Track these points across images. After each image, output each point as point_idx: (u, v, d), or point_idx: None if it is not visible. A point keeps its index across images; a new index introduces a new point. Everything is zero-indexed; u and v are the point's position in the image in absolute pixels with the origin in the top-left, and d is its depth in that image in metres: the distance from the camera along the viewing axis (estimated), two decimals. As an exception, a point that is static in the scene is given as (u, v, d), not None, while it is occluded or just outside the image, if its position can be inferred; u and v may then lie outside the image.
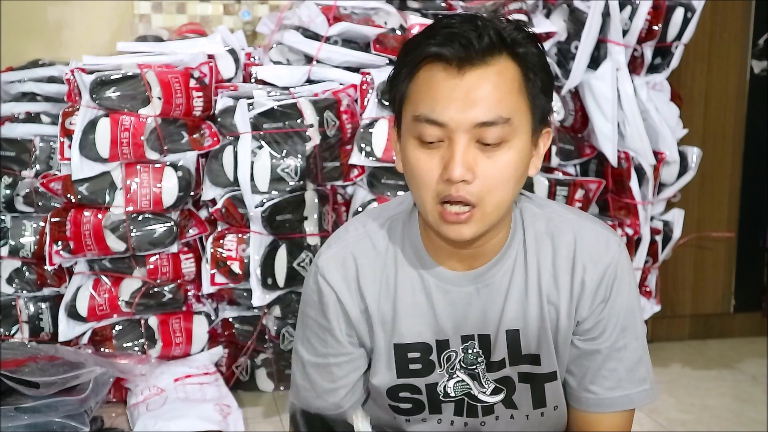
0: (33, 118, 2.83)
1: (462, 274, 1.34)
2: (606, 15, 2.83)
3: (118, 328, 2.70)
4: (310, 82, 2.78)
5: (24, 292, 2.76)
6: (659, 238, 3.06)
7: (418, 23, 2.74)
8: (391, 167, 2.62)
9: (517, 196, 1.35)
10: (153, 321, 2.71)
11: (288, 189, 2.61)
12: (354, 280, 1.36)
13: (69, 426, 2.27)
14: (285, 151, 2.60)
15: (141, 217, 2.60)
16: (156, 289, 2.69)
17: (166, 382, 2.60)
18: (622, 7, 2.85)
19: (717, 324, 3.50)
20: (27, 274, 2.76)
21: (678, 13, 2.90)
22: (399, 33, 2.76)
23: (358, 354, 1.40)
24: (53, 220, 2.60)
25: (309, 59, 2.79)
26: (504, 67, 1.22)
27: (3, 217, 2.77)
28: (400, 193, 2.56)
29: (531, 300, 1.34)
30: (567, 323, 1.34)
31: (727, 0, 3.29)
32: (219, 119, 2.65)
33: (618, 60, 2.85)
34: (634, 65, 2.93)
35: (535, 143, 1.29)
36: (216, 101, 2.67)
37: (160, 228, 2.61)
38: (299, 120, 2.61)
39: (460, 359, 1.36)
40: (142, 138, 2.54)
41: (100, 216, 2.57)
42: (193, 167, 2.66)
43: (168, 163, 2.61)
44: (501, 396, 1.38)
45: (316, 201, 2.65)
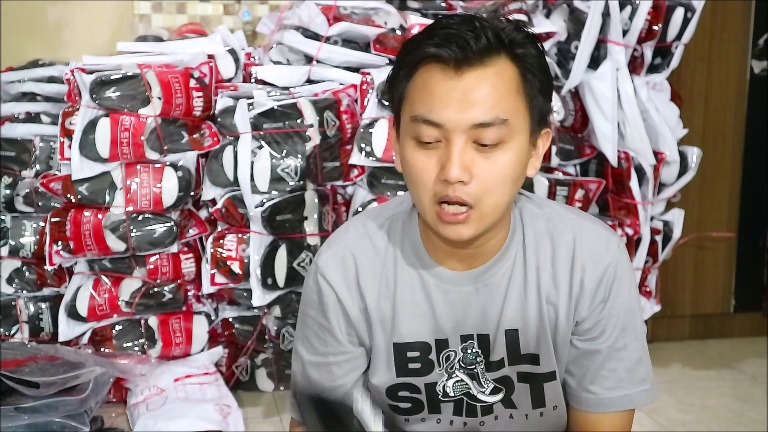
0: (33, 118, 2.83)
1: (461, 273, 1.34)
2: (606, 15, 2.83)
3: (118, 328, 2.70)
4: (310, 82, 2.78)
5: (24, 292, 2.76)
6: (659, 238, 3.06)
7: (418, 23, 2.74)
8: (391, 167, 2.62)
9: (517, 196, 1.35)
10: (153, 321, 2.71)
11: (288, 189, 2.61)
12: (354, 279, 1.36)
13: (69, 426, 2.27)
14: (285, 151, 2.60)
15: (141, 217, 2.60)
16: (156, 289, 2.69)
17: (166, 382, 2.60)
18: (622, 7, 2.85)
19: (717, 324, 3.50)
20: (27, 274, 2.76)
21: (678, 13, 2.90)
22: (399, 33, 2.76)
23: (357, 353, 1.40)
24: (53, 220, 2.60)
25: (309, 59, 2.79)
26: (502, 68, 1.22)
27: (3, 217, 2.77)
28: (400, 193, 2.56)
29: (530, 300, 1.34)
30: (566, 323, 1.34)
31: (727, 0, 3.29)
32: (219, 119, 2.65)
33: (618, 60, 2.85)
34: (634, 65, 2.93)
35: (534, 144, 1.29)
36: (216, 101, 2.67)
37: (160, 228, 2.61)
38: (299, 120, 2.61)
39: (459, 359, 1.36)
40: (142, 138, 2.54)
41: (100, 216, 2.57)
42: (193, 167, 2.66)
43: (168, 163, 2.61)
44: (500, 396, 1.38)
45: (316, 201, 2.65)
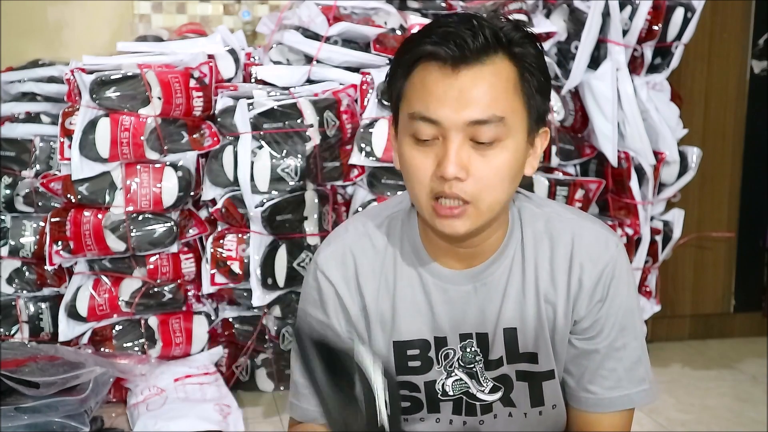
0: (33, 118, 2.83)
1: (460, 272, 1.34)
2: (606, 15, 2.83)
3: (118, 328, 2.70)
4: (310, 82, 2.78)
5: (24, 292, 2.76)
6: (659, 238, 3.06)
7: (418, 23, 2.74)
8: (391, 167, 2.62)
9: (516, 195, 1.36)
10: (153, 321, 2.71)
11: (288, 189, 2.61)
12: (353, 278, 1.37)
13: (69, 426, 2.27)
14: (285, 151, 2.60)
15: (141, 217, 2.60)
16: (156, 289, 2.69)
17: (166, 382, 2.60)
18: (622, 7, 2.85)
19: (717, 324, 3.50)
20: (27, 274, 2.76)
21: (678, 13, 2.90)
22: (399, 33, 2.76)
23: None
24: (53, 220, 2.60)
25: (309, 59, 2.79)
26: (499, 67, 1.23)
27: (3, 217, 2.77)
28: (399, 193, 2.56)
29: (528, 299, 1.34)
30: (564, 322, 1.34)
31: (727, 0, 3.29)
32: (219, 119, 2.65)
33: (618, 60, 2.85)
34: (634, 65, 2.93)
35: (532, 143, 1.29)
36: (216, 101, 2.67)
37: (160, 228, 2.61)
38: (299, 120, 2.61)
39: (458, 358, 1.36)
40: (142, 138, 2.54)
41: (100, 216, 2.57)
42: (193, 167, 2.66)
43: (168, 163, 2.61)
44: (499, 394, 1.38)
45: (316, 201, 2.65)
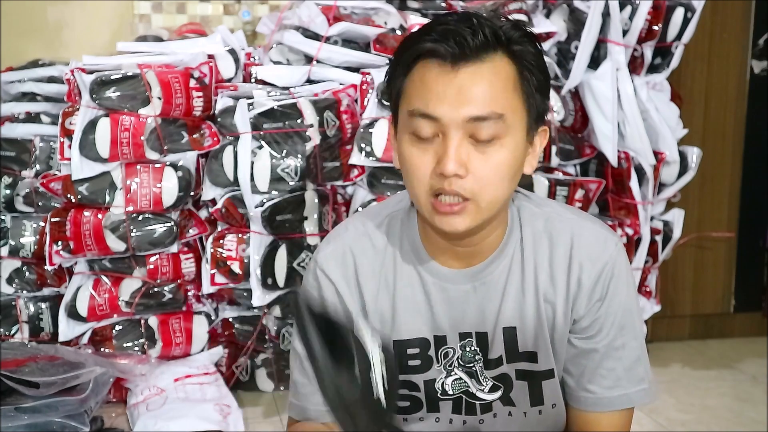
0: (33, 118, 2.83)
1: (459, 271, 1.34)
2: (606, 15, 2.83)
3: (118, 328, 2.70)
4: (310, 82, 2.78)
5: (24, 292, 2.77)
6: (659, 238, 3.06)
7: (418, 23, 2.74)
8: (391, 167, 2.62)
9: (515, 195, 1.36)
10: (153, 321, 2.71)
11: (288, 189, 2.61)
12: (353, 277, 1.36)
13: (69, 426, 2.27)
14: (285, 151, 2.60)
15: (141, 217, 2.60)
16: (156, 289, 2.69)
17: (166, 382, 2.60)
18: (622, 7, 2.85)
19: (717, 324, 3.50)
20: (27, 274, 2.76)
21: (678, 13, 2.90)
22: (399, 33, 2.76)
23: None
24: (53, 220, 2.60)
25: (309, 59, 2.79)
26: (499, 65, 1.23)
27: (3, 217, 2.77)
28: (399, 193, 2.56)
29: (528, 298, 1.34)
30: (563, 321, 1.34)
31: (727, 0, 3.29)
32: (219, 119, 2.65)
33: (618, 60, 2.85)
34: (634, 65, 2.93)
35: (531, 142, 1.29)
36: (216, 101, 2.67)
37: (160, 228, 2.61)
38: (299, 120, 2.61)
39: (458, 357, 1.36)
40: (142, 138, 2.54)
41: (100, 216, 2.57)
42: (193, 167, 2.66)
43: (168, 163, 2.61)
44: (499, 393, 1.38)
45: (316, 201, 2.65)
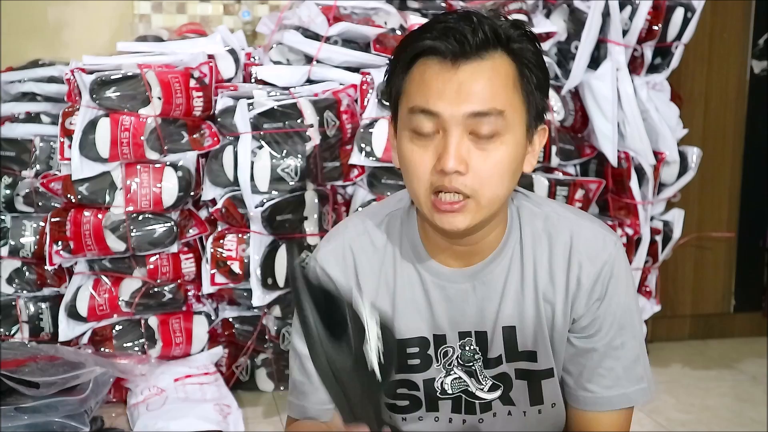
0: (33, 118, 2.83)
1: (459, 270, 1.34)
2: (606, 15, 2.83)
3: (118, 328, 2.70)
4: (310, 82, 2.78)
5: (24, 292, 2.77)
6: (659, 238, 3.06)
7: (417, 23, 2.74)
8: (391, 167, 2.62)
9: (515, 194, 1.36)
10: (153, 321, 2.71)
11: (288, 189, 2.61)
12: (353, 275, 1.37)
13: (69, 426, 2.27)
14: (285, 151, 2.60)
15: (141, 217, 2.60)
16: (156, 289, 2.69)
17: (166, 382, 2.60)
18: (622, 7, 2.85)
19: (717, 324, 3.50)
20: (27, 274, 2.76)
21: (678, 13, 2.90)
22: (399, 33, 2.76)
23: None
24: (53, 220, 2.60)
25: (309, 59, 2.79)
26: (498, 63, 1.23)
27: (3, 217, 2.77)
28: (399, 192, 2.56)
29: (527, 297, 1.34)
30: (563, 320, 1.34)
31: (727, 0, 3.29)
32: (219, 119, 2.65)
33: (618, 60, 2.85)
34: (634, 65, 2.93)
35: (530, 140, 1.29)
36: (216, 101, 2.67)
37: (160, 228, 2.61)
38: (299, 120, 2.61)
39: (457, 356, 1.36)
40: (142, 138, 2.54)
41: (100, 216, 2.57)
42: (193, 167, 2.66)
43: (168, 163, 2.61)
44: (498, 392, 1.38)
45: (316, 201, 2.66)
